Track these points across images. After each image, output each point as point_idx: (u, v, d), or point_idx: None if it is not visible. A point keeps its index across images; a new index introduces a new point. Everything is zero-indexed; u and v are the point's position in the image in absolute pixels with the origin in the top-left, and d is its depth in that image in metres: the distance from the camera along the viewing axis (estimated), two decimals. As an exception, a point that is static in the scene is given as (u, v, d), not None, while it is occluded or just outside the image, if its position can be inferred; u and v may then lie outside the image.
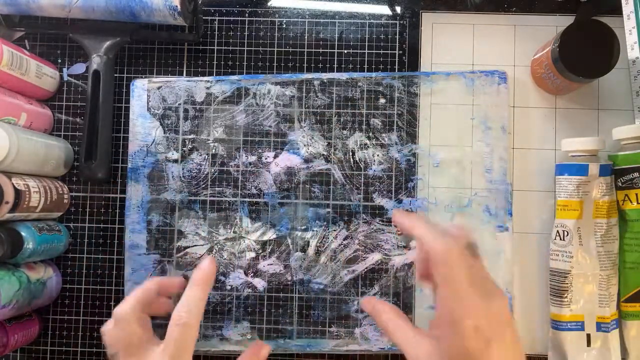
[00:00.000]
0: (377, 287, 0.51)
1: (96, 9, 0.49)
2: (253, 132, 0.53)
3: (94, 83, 0.52)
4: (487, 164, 0.51)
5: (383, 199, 0.52)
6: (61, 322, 0.53)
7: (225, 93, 0.53)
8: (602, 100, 0.52)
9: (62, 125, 0.54)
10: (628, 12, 0.50)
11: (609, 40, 0.46)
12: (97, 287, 0.53)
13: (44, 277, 0.50)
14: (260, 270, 0.52)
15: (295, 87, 0.53)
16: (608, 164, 0.47)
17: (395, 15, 0.54)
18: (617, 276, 0.48)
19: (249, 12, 0.55)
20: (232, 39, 0.54)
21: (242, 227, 0.52)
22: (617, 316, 0.48)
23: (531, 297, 0.51)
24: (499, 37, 0.53)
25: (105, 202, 0.54)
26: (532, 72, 0.52)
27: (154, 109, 0.53)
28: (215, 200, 0.52)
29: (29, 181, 0.47)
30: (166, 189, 0.53)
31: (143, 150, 0.53)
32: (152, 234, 0.52)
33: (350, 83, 0.53)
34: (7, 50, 0.46)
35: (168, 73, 0.54)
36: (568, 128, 0.52)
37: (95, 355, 0.53)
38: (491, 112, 0.52)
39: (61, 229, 0.52)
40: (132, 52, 0.55)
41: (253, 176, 0.53)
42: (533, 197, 0.52)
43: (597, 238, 0.47)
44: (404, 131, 0.52)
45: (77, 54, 0.55)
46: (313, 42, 0.54)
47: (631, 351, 0.47)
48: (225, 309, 0.52)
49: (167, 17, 0.50)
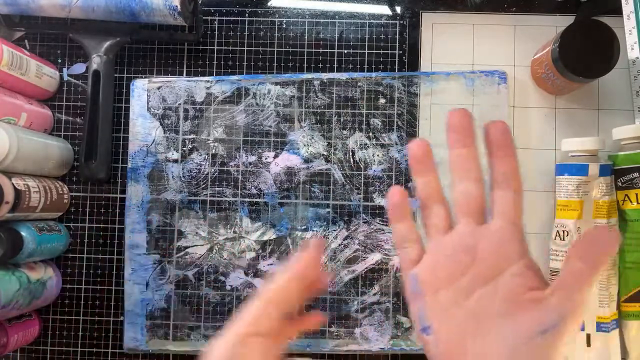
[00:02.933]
0: (377, 287, 0.51)
1: (96, 9, 0.49)
2: (253, 132, 0.53)
3: (94, 83, 0.52)
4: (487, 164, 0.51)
5: (383, 199, 0.52)
6: (61, 322, 0.53)
7: (225, 93, 0.53)
8: (602, 100, 0.52)
9: (62, 125, 0.54)
10: (628, 12, 0.50)
11: (609, 40, 0.46)
12: (97, 287, 0.53)
13: (44, 277, 0.50)
14: (260, 270, 0.52)
15: (295, 87, 0.53)
16: (608, 164, 0.47)
17: (395, 15, 0.54)
18: (617, 276, 0.48)
19: (249, 12, 0.55)
20: (232, 39, 0.54)
21: (242, 227, 0.52)
22: (617, 316, 0.48)
23: (531, 297, 0.51)
24: (499, 37, 0.53)
25: (105, 202, 0.54)
26: (532, 72, 0.52)
27: (154, 109, 0.53)
28: (215, 200, 0.52)
29: (29, 181, 0.47)
30: (166, 189, 0.53)
31: (143, 150, 0.53)
32: (152, 234, 0.52)
33: (350, 83, 0.53)
34: (7, 50, 0.46)
35: (168, 73, 0.54)
36: (568, 128, 0.52)
37: (95, 355, 0.53)
38: (491, 112, 0.52)
39: (61, 229, 0.52)
40: (132, 52, 0.55)
41: (253, 176, 0.53)
42: (533, 197, 0.52)
43: (597, 238, 0.47)
44: (404, 131, 0.52)
45: (77, 54, 0.55)
46: (313, 42, 0.54)
47: (631, 351, 0.47)
48: (225, 309, 0.52)
49: (167, 17, 0.50)
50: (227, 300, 0.52)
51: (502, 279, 0.27)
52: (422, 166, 0.32)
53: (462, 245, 0.29)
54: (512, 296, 0.26)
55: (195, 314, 0.52)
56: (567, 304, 0.25)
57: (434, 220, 0.31)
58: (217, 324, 0.52)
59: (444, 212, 0.31)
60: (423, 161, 0.32)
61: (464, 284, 0.28)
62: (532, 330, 0.25)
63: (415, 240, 0.31)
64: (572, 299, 0.25)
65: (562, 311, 0.25)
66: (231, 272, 0.52)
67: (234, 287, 0.52)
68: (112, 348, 0.53)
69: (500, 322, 0.26)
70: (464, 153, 0.30)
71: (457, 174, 0.30)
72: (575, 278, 0.25)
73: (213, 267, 0.52)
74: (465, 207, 0.30)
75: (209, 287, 0.52)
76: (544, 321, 0.25)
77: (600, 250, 0.25)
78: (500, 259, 0.28)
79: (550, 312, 0.25)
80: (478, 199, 0.30)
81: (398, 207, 0.32)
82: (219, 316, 0.52)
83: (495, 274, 0.27)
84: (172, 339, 0.52)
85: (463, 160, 0.30)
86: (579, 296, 0.25)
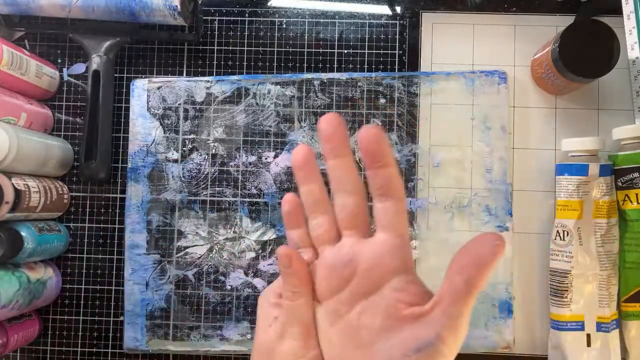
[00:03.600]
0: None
1: (96, 9, 0.49)
2: (253, 132, 0.53)
3: (94, 83, 0.52)
4: (487, 164, 0.51)
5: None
6: (61, 322, 0.53)
7: (225, 93, 0.53)
8: (602, 100, 0.52)
9: (62, 125, 0.54)
10: (628, 12, 0.50)
11: (609, 40, 0.46)
12: (97, 287, 0.53)
13: (44, 277, 0.50)
14: (260, 270, 0.52)
15: (295, 87, 0.53)
16: (608, 164, 0.47)
17: (395, 15, 0.54)
18: (617, 276, 0.48)
19: (249, 12, 0.55)
20: (232, 39, 0.54)
21: (242, 227, 0.52)
22: (617, 316, 0.48)
23: (531, 297, 0.51)
24: (499, 37, 0.53)
25: (105, 202, 0.54)
26: (532, 72, 0.52)
27: (154, 109, 0.53)
28: (215, 200, 0.52)
29: (29, 181, 0.47)
30: (166, 189, 0.53)
31: (143, 150, 0.53)
32: (152, 234, 0.52)
33: (350, 83, 0.53)
34: (7, 50, 0.46)
35: (168, 73, 0.54)
36: (568, 128, 0.52)
37: (95, 355, 0.53)
38: (491, 112, 0.52)
39: (61, 229, 0.52)
40: (132, 52, 0.55)
41: (253, 176, 0.53)
42: (533, 197, 0.52)
43: (597, 238, 0.47)
44: (404, 131, 0.52)
45: (77, 54, 0.55)
46: (313, 42, 0.54)
47: (631, 351, 0.47)
48: (225, 309, 0.52)
49: (167, 17, 0.50)
50: (227, 300, 0.52)
51: (382, 293, 0.26)
52: (303, 173, 0.30)
53: (343, 258, 0.28)
54: (391, 311, 0.26)
55: (195, 314, 0.52)
56: (444, 321, 0.24)
57: (316, 231, 0.30)
58: (217, 324, 0.52)
59: (327, 223, 0.30)
60: (304, 168, 0.30)
61: (345, 298, 0.27)
62: (407, 347, 0.24)
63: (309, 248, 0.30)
64: (449, 315, 0.23)
65: (439, 328, 0.23)
66: (231, 272, 0.52)
67: (234, 287, 0.52)
68: (112, 348, 0.53)
69: (379, 337, 0.25)
70: (338, 164, 0.29)
71: (334, 186, 0.29)
72: (453, 293, 0.24)
73: (213, 267, 0.52)
74: (345, 221, 0.29)
75: (209, 287, 0.52)
76: (419, 338, 0.24)
77: (477, 263, 0.23)
78: (381, 272, 0.27)
79: (427, 329, 0.24)
80: (357, 210, 0.29)
81: (291, 214, 0.31)
82: (219, 316, 0.52)
83: (376, 288, 0.26)
84: (172, 339, 0.52)
85: (338, 171, 0.29)
86: (456, 312, 0.23)
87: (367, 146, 0.27)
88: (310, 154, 0.30)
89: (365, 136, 0.27)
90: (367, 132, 0.27)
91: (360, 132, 0.27)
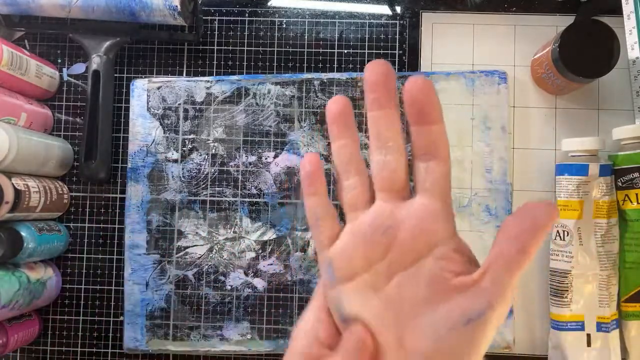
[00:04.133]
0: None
1: (96, 9, 0.49)
2: (253, 132, 0.53)
3: (94, 83, 0.52)
4: (487, 164, 0.51)
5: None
6: (61, 322, 0.53)
7: (225, 93, 0.53)
8: (602, 100, 0.52)
9: (62, 125, 0.54)
10: (628, 12, 0.50)
11: (609, 40, 0.46)
12: (97, 287, 0.53)
13: (44, 277, 0.50)
14: (260, 270, 0.52)
15: (295, 87, 0.53)
16: (608, 164, 0.47)
17: (395, 15, 0.54)
18: (617, 276, 0.48)
19: (249, 12, 0.55)
20: (232, 39, 0.54)
21: (242, 227, 0.52)
22: (617, 316, 0.48)
23: (531, 297, 0.51)
24: (499, 37, 0.53)
25: (105, 202, 0.54)
26: (532, 72, 0.52)
27: (154, 109, 0.53)
28: (215, 200, 0.52)
29: (29, 181, 0.47)
30: (166, 189, 0.53)
31: (143, 150, 0.53)
32: (152, 234, 0.52)
33: (350, 83, 0.53)
34: (7, 50, 0.46)
35: (168, 73, 0.54)
36: (568, 128, 0.52)
37: (95, 355, 0.53)
38: (491, 112, 0.52)
39: (61, 229, 0.52)
40: (132, 52, 0.55)
41: (253, 176, 0.53)
42: (533, 197, 0.52)
43: (597, 238, 0.47)
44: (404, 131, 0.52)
45: (77, 54, 0.55)
46: (313, 42, 0.54)
47: (631, 351, 0.47)
48: (225, 309, 0.52)
49: (167, 17, 0.50)
50: (227, 300, 0.52)
51: (425, 263, 0.24)
52: (337, 127, 0.27)
53: (380, 225, 0.25)
54: (436, 282, 0.23)
55: (195, 314, 0.52)
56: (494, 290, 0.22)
57: (348, 194, 0.26)
58: (217, 324, 0.52)
59: (361, 184, 0.26)
60: (339, 121, 0.27)
61: (383, 269, 0.24)
62: (454, 319, 0.22)
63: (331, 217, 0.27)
64: (499, 283, 0.22)
65: (489, 298, 0.22)
66: (231, 272, 0.52)
67: (233, 287, 0.52)
68: (112, 348, 0.53)
69: (422, 310, 0.23)
70: (381, 116, 0.26)
71: (373, 142, 0.26)
72: (504, 260, 0.22)
73: (213, 267, 0.52)
74: (383, 181, 0.26)
75: (209, 287, 0.52)
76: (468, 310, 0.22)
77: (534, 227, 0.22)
78: (425, 240, 0.24)
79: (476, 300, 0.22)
80: (398, 171, 0.26)
81: (312, 177, 0.27)
82: (218, 316, 0.52)
83: (418, 257, 0.24)
84: (172, 339, 0.52)
85: (380, 125, 0.26)
86: (507, 280, 0.22)
87: (415, 98, 0.24)
88: (347, 105, 0.27)
89: (412, 87, 0.23)
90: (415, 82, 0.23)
91: (406, 83, 0.24)
